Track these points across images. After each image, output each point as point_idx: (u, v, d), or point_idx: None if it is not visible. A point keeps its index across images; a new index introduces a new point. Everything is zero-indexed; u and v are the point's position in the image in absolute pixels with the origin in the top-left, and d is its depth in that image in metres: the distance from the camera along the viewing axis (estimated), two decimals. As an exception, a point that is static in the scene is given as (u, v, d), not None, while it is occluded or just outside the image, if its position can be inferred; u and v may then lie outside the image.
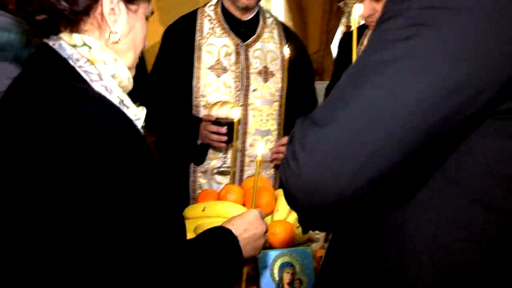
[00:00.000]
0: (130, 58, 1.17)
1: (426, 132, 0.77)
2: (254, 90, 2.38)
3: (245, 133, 2.39)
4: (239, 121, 2.21)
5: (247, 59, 2.38)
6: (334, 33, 5.99)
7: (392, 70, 0.77)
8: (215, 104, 2.23)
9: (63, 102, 0.98)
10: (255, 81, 2.39)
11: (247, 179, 2.02)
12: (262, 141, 2.41)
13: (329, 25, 5.78)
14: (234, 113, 2.13)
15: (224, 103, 2.23)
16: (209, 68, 2.35)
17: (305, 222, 1.05)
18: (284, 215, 1.82)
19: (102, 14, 1.09)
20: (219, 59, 2.36)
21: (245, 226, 1.21)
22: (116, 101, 1.06)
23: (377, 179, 0.79)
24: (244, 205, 1.79)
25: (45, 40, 1.09)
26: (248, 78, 2.37)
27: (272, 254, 1.59)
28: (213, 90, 2.33)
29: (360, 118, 0.78)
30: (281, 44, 2.43)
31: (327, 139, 0.80)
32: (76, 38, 1.08)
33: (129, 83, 1.15)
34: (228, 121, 2.17)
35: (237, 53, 2.37)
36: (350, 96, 0.80)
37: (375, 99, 0.78)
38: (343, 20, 5.84)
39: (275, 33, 2.44)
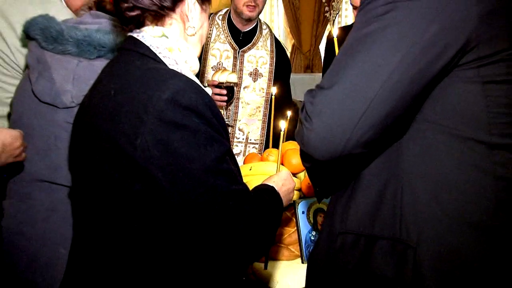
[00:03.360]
0: (199, 49, 1.12)
1: (410, 81, 0.78)
2: (245, 87, 2.36)
3: (235, 120, 2.36)
4: (236, 84, 2.19)
5: (242, 62, 2.36)
6: (321, 38, 6.11)
7: (378, 37, 0.78)
8: (216, 71, 2.16)
9: (155, 78, 0.94)
10: (247, 80, 2.36)
11: (284, 143, 1.88)
12: (248, 127, 2.38)
13: (317, 32, 5.99)
14: (232, 78, 2.09)
15: (224, 70, 2.15)
16: (212, 67, 2.32)
17: (318, 187, 1.03)
18: (315, 171, 1.72)
19: (184, 10, 1.05)
20: (220, 61, 2.33)
21: (282, 182, 1.19)
22: None
23: (376, 125, 0.78)
24: (282, 164, 1.73)
25: (130, 34, 1.05)
26: (241, 77, 2.34)
27: (308, 202, 1.58)
28: None
29: (358, 77, 0.78)
30: (271, 51, 2.40)
31: (333, 97, 0.79)
32: (157, 30, 1.03)
33: (196, 68, 1.10)
34: (228, 85, 2.11)
35: (235, 57, 2.35)
36: (348, 62, 0.80)
37: (368, 61, 0.78)
38: (328, 27, 5.95)
39: (268, 42, 2.41)
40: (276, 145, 1.80)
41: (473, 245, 0.81)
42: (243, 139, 2.39)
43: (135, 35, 1.04)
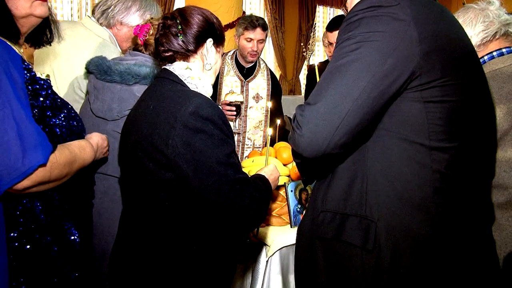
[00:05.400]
0: (213, 78, 1.15)
1: (373, 100, 0.79)
2: (250, 107, 2.38)
3: (244, 131, 2.37)
4: (242, 102, 2.18)
5: (247, 89, 2.38)
6: (300, 69, 6.18)
7: (350, 67, 0.79)
8: (227, 93, 2.16)
9: (182, 97, 0.97)
10: (251, 102, 2.38)
11: (277, 143, 1.87)
12: (254, 136, 2.39)
13: (297, 66, 6.10)
14: (239, 98, 2.10)
15: (233, 92, 2.15)
16: (225, 94, 2.32)
17: (305, 177, 1.02)
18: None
19: (203, 52, 1.09)
20: (231, 89, 2.35)
21: (270, 172, 1.21)
22: None
23: (349, 132, 0.79)
24: (276, 157, 1.73)
25: (164, 66, 1.10)
26: (247, 100, 2.37)
27: (295, 184, 1.60)
28: None
29: (335, 97, 0.79)
30: (268, 79, 2.42)
31: (317, 111, 0.79)
32: (183, 64, 1.08)
33: (210, 92, 1.13)
34: (236, 103, 2.11)
35: (242, 86, 2.37)
36: (328, 85, 0.80)
37: (342, 85, 0.79)
38: (305, 62, 6.05)
39: (265, 73, 2.44)
40: (271, 146, 1.81)
41: (417, 220, 0.82)
42: (251, 145, 2.41)
43: (167, 67, 1.08)
